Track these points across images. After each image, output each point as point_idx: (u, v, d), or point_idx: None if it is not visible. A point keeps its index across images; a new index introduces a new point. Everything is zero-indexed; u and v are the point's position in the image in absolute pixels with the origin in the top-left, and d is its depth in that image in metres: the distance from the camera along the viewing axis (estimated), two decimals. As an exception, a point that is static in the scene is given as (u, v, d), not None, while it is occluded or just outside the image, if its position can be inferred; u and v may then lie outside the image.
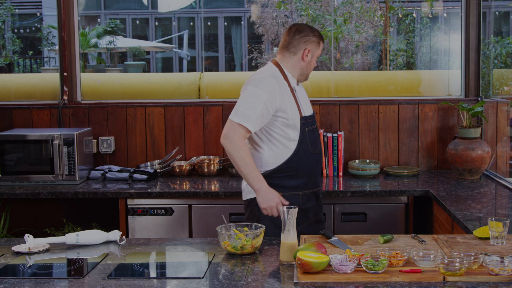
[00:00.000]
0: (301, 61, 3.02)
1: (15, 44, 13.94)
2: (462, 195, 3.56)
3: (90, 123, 4.48)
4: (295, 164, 2.97)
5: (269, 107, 2.88)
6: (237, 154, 2.84)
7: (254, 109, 2.86)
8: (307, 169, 3.01)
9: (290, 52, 3.02)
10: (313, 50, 3.02)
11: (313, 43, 3.01)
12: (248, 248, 2.44)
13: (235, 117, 2.88)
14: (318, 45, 3.03)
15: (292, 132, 2.96)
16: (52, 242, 2.64)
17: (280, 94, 2.92)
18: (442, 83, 4.86)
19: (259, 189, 2.86)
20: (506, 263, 2.12)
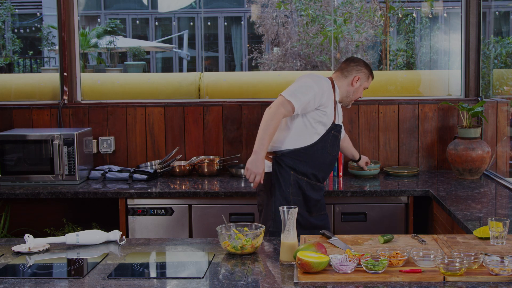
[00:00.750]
0: (350, 86, 3.45)
1: (15, 44, 13.94)
2: (462, 195, 3.56)
3: (90, 123, 4.48)
4: (311, 153, 3.30)
5: (316, 99, 3.24)
6: (269, 120, 3.16)
7: (305, 95, 3.21)
8: (319, 163, 3.33)
9: (343, 75, 3.46)
10: (362, 79, 3.46)
11: (364, 74, 3.47)
12: (248, 248, 2.45)
13: (286, 95, 3.20)
14: (368, 78, 3.49)
15: (321, 128, 3.31)
16: (52, 242, 2.63)
17: (328, 95, 3.30)
18: (442, 83, 4.86)
19: (256, 152, 3.16)
20: (506, 263, 2.12)
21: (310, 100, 3.22)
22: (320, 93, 3.25)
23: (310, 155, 3.30)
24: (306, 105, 3.22)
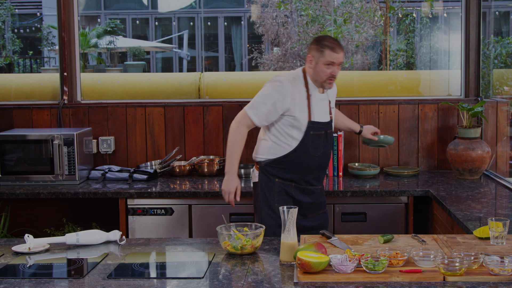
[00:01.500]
0: (310, 68, 3.26)
1: (15, 44, 13.94)
2: (462, 195, 3.56)
3: (90, 123, 4.48)
4: (292, 159, 3.23)
5: (278, 107, 3.18)
6: (232, 137, 3.23)
7: (264, 105, 3.19)
8: (304, 167, 3.25)
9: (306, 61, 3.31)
10: (316, 56, 3.21)
11: (315, 50, 3.21)
12: (248, 248, 2.45)
13: (247, 107, 3.22)
14: (322, 52, 3.19)
15: (296, 132, 3.22)
16: (52, 242, 2.64)
17: (293, 97, 3.19)
18: (442, 83, 4.85)
19: (227, 172, 3.25)
20: (506, 263, 2.12)
21: (270, 109, 3.17)
22: (281, 99, 3.17)
23: (292, 161, 3.24)
24: (267, 115, 3.18)
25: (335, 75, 3.24)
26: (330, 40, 3.22)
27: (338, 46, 3.21)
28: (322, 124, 3.28)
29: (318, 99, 3.29)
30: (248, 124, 3.22)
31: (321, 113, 3.29)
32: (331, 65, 3.19)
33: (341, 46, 3.24)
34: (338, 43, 3.23)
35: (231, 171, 3.23)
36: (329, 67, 3.19)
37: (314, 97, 3.27)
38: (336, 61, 3.20)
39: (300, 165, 3.25)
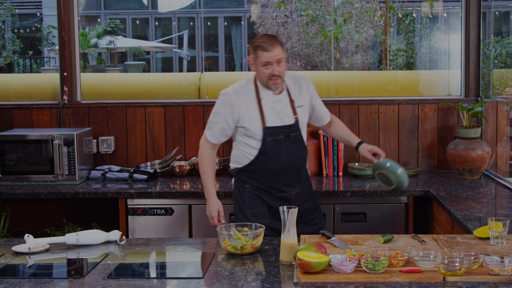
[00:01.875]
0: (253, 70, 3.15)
1: (15, 44, 13.94)
2: (462, 195, 3.56)
3: (90, 123, 4.48)
4: (255, 168, 3.16)
5: (229, 121, 3.13)
6: (200, 161, 3.24)
7: (215, 124, 3.16)
8: (268, 176, 3.16)
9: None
10: (253, 57, 3.08)
11: (250, 53, 3.10)
12: (248, 248, 2.45)
13: (206, 129, 3.22)
14: (256, 52, 3.05)
15: (253, 141, 3.14)
16: (52, 242, 2.64)
17: (240, 107, 3.11)
18: (442, 83, 4.86)
19: (206, 198, 3.22)
20: (506, 263, 2.12)
21: (223, 126, 3.13)
22: (229, 112, 3.11)
23: (255, 170, 3.15)
24: (222, 132, 3.15)
25: (277, 74, 3.04)
26: (262, 39, 3.05)
27: (270, 44, 3.02)
28: (280, 128, 3.13)
29: (273, 101, 3.14)
30: (209, 145, 3.19)
31: (278, 116, 3.13)
32: (268, 65, 3.02)
33: (274, 42, 3.03)
34: (271, 40, 3.04)
35: (209, 195, 3.20)
36: (267, 68, 3.03)
37: (266, 101, 3.13)
38: (271, 59, 3.02)
39: (264, 173, 3.15)
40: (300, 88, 3.22)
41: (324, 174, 4.24)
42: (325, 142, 4.23)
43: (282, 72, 3.07)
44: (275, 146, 3.11)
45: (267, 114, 3.11)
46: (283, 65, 3.07)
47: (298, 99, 3.20)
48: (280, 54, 3.03)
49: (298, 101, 3.19)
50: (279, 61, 3.03)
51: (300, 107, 3.19)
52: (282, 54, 3.05)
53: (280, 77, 3.07)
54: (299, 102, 3.19)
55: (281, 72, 3.06)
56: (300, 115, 3.19)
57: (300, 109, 3.19)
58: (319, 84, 4.81)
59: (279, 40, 3.07)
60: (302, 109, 3.21)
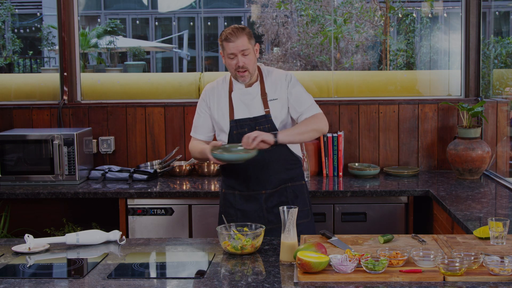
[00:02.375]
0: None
1: (15, 44, 13.94)
2: (462, 195, 3.56)
3: (90, 123, 4.48)
4: (225, 165, 3.09)
5: (206, 115, 3.14)
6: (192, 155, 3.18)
7: (196, 119, 3.18)
8: (236, 173, 3.08)
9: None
10: (221, 50, 3.04)
11: (219, 45, 3.04)
12: (248, 248, 2.45)
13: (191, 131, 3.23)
14: (221, 46, 3.01)
15: (222, 134, 3.10)
16: (52, 242, 2.64)
17: (212, 100, 3.11)
18: (442, 83, 4.86)
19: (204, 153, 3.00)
20: (506, 263, 2.12)
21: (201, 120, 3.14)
22: (203, 104, 3.13)
23: (224, 167, 3.10)
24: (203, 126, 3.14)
25: (242, 65, 2.96)
26: (226, 31, 2.99)
27: (232, 34, 2.95)
28: (245, 121, 3.03)
29: (243, 94, 3.06)
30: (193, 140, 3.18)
31: (247, 109, 3.05)
32: (234, 56, 2.96)
33: (239, 33, 2.95)
34: (236, 31, 2.96)
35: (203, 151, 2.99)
36: (232, 59, 2.97)
37: (236, 94, 3.07)
38: (235, 50, 2.95)
39: (232, 169, 3.07)
40: (276, 82, 3.08)
41: (324, 174, 4.25)
42: (325, 142, 4.23)
43: (249, 64, 2.98)
44: (240, 139, 2.95)
45: (236, 107, 3.05)
46: (250, 58, 2.98)
47: (272, 92, 3.07)
48: (246, 44, 2.95)
49: (271, 94, 3.06)
50: (244, 52, 2.95)
51: (273, 100, 3.05)
52: (247, 45, 2.96)
53: (246, 70, 2.98)
54: (272, 96, 3.06)
55: (246, 64, 2.97)
56: (273, 109, 3.04)
57: (273, 103, 3.05)
58: (319, 84, 4.81)
59: (246, 31, 2.99)
60: (277, 102, 3.06)
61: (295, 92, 3.10)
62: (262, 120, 3.03)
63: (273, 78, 3.10)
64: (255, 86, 3.07)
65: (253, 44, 3.02)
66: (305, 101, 3.10)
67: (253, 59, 3.01)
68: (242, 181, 3.08)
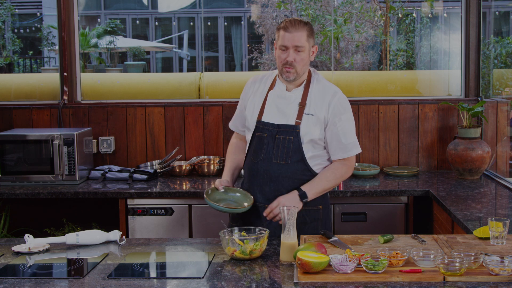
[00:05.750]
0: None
1: (15, 44, 13.94)
2: (462, 195, 3.56)
3: (90, 123, 4.48)
4: (244, 166, 2.94)
5: (242, 106, 2.97)
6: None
7: (237, 109, 3.04)
8: (249, 176, 2.88)
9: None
10: (276, 40, 2.79)
11: (276, 33, 2.79)
12: (257, 252, 2.39)
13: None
14: (277, 35, 2.76)
15: (249, 134, 2.90)
16: (52, 242, 2.63)
17: (252, 94, 2.91)
18: (442, 83, 4.86)
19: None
20: (506, 263, 2.12)
21: (238, 111, 3.01)
22: (244, 97, 2.95)
23: (244, 167, 2.93)
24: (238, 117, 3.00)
25: (290, 62, 2.71)
26: (288, 20, 2.74)
27: (293, 25, 2.70)
28: (270, 126, 2.79)
29: (280, 97, 2.82)
30: (234, 134, 3.08)
31: (278, 113, 2.80)
32: (285, 50, 2.71)
33: (299, 26, 2.70)
34: (296, 22, 2.71)
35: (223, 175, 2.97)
36: (283, 52, 2.72)
37: (274, 94, 2.82)
38: (289, 43, 2.69)
39: (247, 172, 2.88)
40: (323, 97, 2.80)
41: (324, 174, 4.24)
42: (325, 142, 4.23)
43: (299, 62, 2.72)
44: (257, 143, 2.81)
45: (268, 108, 2.82)
46: (303, 56, 2.72)
47: (311, 106, 2.78)
48: (302, 41, 2.70)
49: (311, 108, 2.78)
50: (298, 48, 2.70)
51: (310, 115, 2.77)
52: (304, 42, 2.70)
53: (294, 67, 2.73)
54: (311, 110, 2.77)
55: (296, 61, 2.71)
56: (305, 124, 2.77)
57: (308, 117, 2.77)
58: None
59: (308, 27, 2.73)
60: (313, 118, 2.77)
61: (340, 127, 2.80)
62: (287, 130, 2.77)
63: (320, 89, 2.81)
64: (296, 91, 2.80)
65: (311, 44, 2.76)
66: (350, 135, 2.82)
67: (306, 59, 2.74)
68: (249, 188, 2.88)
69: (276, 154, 2.78)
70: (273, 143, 2.79)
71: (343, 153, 2.81)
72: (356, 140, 2.85)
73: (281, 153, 2.78)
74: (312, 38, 2.77)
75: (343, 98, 2.84)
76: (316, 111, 2.78)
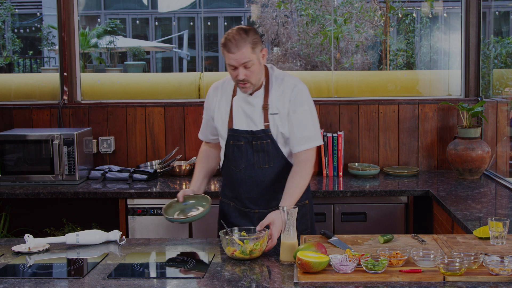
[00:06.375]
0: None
1: (15, 44, 13.95)
2: (462, 195, 3.56)
3: (90, 123, 4.48)
4: (224, 172, 2.92)
5: (208, 114, 2.92)
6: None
7: (203, 119, 2.99)
8: (232, 183, 2.87)
9: None
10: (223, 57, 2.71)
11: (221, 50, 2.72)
12: (256, 252, 2.39)
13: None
14: (223, 51, 2.68)
15: (222, 142, 2.87)
16: (52, 242, 2.63)
17: (217, 104, 2.84)
18: (442, 83, 4.86)
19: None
20: (506, 263, 2.12)
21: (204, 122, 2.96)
22: (208, 106, 2.91)
23: (224, 175, 2.92)
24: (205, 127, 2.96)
25: (242, 79, 2.64)
26: (228, 36, 2.64)
27: (233, 44, 2.60)
28: (242, 133, 2.77)
29: (244, 102, 2.77)
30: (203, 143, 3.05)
31: (246, 119, 2.77)
32: (234, 68, 2.64)
33: (241, 43, 2.59)
34: (238, 39, 2.60)
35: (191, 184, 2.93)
36: (233, 70, 2.65)
37: (238, 100, 2.78)
38: (235, 63, 2.61)
39: (228, 180, 2.89)
40: (282, 94, 2.76)
41: (324, 174, 4.25)
42: (325, 142, 4.23)
43: (251, 77, 2.65)
44: (235, 152, 2.79)
45: (235, 115, 2.78)
46: (253, 69, 2.65)
47: (273, 104, 2.75)
48: (248, 56, 2.61)
49: (273, 107, 2.75)
50: (246, 65, 2.62)
51: (274, 114, 2.75)
52: (250, 56, 2.61)
53: (248, 82, 2.66)
54: (274, 109, 2.75)
55: (248, 77, 2.65)
56: (274, 124, 2.75)
57: (274, 117, 2.75)
58: (319, 84, 4.81)
59: (250, 39, 2.62)
60: (278, 117, 2.75)
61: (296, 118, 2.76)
62: (261, 135, 2.76)
63: (280, 89, 2.77)
64: (257, 96, 2.76)
65: (259, 52, 2.66)
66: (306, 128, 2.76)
67: (257, 70, 2.67)
68: (236, 195, 2.88)
69: (258, 160, 2.78)
70: (252, 149, 2.78)
71: (298, 146, 2.76)
72: (313, 133, 2.77)
73: (262, 158, 2.78)
74: (258, 45, 2.66)
75: (300, 90, 2.77)
76: (279, 108, 2.75)
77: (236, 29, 2.65)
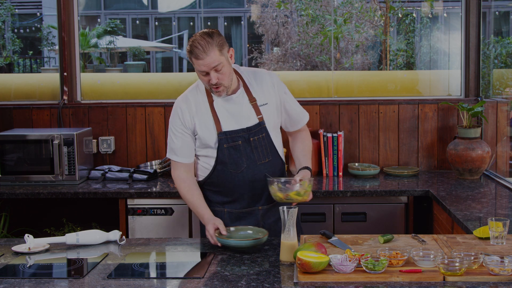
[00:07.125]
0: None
1: (15, 44, 13.94)
2: (462, 195, 3.56)
3: (90, 123, 4.48)
4: (215, 181, 2.82)
5: (187, 131, 2.79)
6: (179, 191, 2.87)
7: (173, 141, 2.82)
8: (231, 188, 2.81)
9: None
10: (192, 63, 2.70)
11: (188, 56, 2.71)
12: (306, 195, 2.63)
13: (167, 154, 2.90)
14: (190, 58, 2.68)
15: (209, 150, 2.79)
16: (52, 242, 2.64)
17: (191, 114, 2.78)
18: (442, 83, 4.86)
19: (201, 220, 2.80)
20: (506, 263, 2.12)
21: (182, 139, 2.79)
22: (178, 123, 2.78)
23: (215, 182, 2.82)
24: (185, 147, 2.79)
25: (215, 83, 2.65)
26: (193, 43, 2.64)
27: (200, 50, 2.60)
28: (238, 132, 2.76)
29: (228, 103, 2.77)
30: (176, 168, 2.84)
31: (235, 119, 2.77)
32: (206, 74, 2.65)
33: (207, 47, 2.60)
34: (202, 44, 2.61)
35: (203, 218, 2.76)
36: (204, 76, 2.66)
37: (220, 103, 2.76)
38: (206, 68, 2.62)
39: (225, 185, 2.81)
40: (262, 84, 2.83)
41: (324, 174, 4.25)
42: (325, 142, 4.23)
43: (223, 79, 2.66)
44: (233, 154, 2.76)
45: (222, 118, 2.76)
46: (224, 71, 2.65)
47: (260, 96, 2.81)
48: (217, 59, 2.61)
49: (261, 99, 2.80)
50: (216, 68, 2.62)
51: (265, 105, 2.81)
52: (219, 59, 2.62)
53: (222, 85, 2.68)
54: (262, 100, 2.81)
55: (221, 79, 2.66)
56: (266, 115, 2.81)
57: (265, 108, 2.81)
58: (319, 84, 4.81)
59: (216, 42, 2.62)
60: (268, 107, 2.82)
61: (290, 99, 2.92)
62: (257, 130, 2.78)
63: (258, 81, 2.83)
64: (240, 94, 2.79)
65: (226, 53, 2.67)
66: (298, 107, 2.97)
67: (228, 71, 2.67)
68: (234, 199, 2.84)
69: (258, 156, 2.81)
70: (250, 146, 2.79)
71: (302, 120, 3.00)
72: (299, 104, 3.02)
73: (262, 152, 2.81)
74: (225, 46, 2.67)
75: (274, 75, 2.91)
76: (267, 99, 2.83)
77: (200, 34, 2.66)
